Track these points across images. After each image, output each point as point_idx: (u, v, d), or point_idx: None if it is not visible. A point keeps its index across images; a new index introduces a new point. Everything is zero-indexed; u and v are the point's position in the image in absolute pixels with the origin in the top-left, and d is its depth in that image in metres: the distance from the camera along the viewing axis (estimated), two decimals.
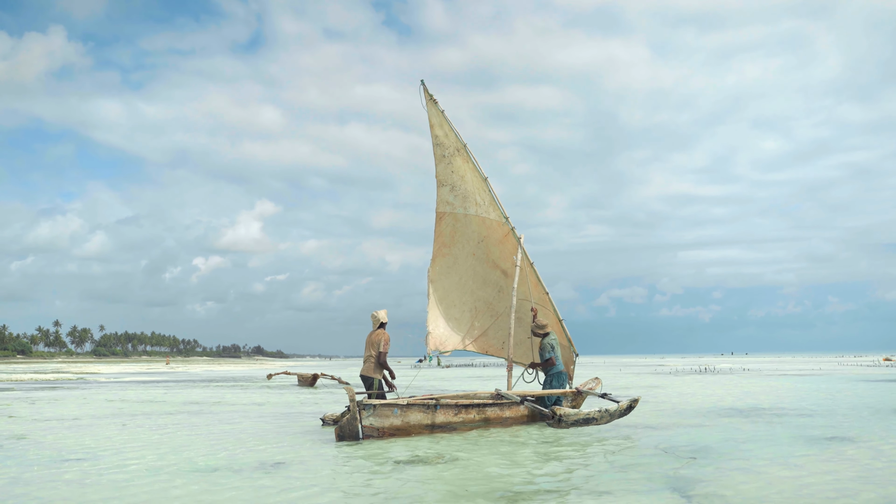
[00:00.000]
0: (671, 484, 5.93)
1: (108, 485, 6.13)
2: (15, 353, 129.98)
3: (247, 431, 10.06)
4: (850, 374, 29.77)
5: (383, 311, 10.48)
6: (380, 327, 10.39)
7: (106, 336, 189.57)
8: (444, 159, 11.88)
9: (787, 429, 9.89)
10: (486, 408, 9.69)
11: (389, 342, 10.23)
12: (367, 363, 10.23)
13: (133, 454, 7.86)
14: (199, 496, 5.63)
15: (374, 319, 10.44)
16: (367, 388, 10.11)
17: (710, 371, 37.01)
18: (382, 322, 10.41)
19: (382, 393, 10.08)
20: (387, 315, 10.48)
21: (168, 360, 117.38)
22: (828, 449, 7.93)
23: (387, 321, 10.45)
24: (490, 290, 12.25)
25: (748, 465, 6.88)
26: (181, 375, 42.14)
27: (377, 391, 10.00)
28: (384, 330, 10.35)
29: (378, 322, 10.41)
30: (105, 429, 10.60)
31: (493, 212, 11.81)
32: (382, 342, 10.14)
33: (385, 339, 10.19)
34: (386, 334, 10.26)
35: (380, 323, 10.41)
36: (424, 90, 11.66)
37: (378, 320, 10.41)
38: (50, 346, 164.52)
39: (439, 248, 12.23)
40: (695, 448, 7.93)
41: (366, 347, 10.33)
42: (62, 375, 40.40)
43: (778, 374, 30.93)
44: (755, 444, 8.29)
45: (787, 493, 5.60)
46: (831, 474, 6.40)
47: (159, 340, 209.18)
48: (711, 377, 29.07)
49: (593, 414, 9.37)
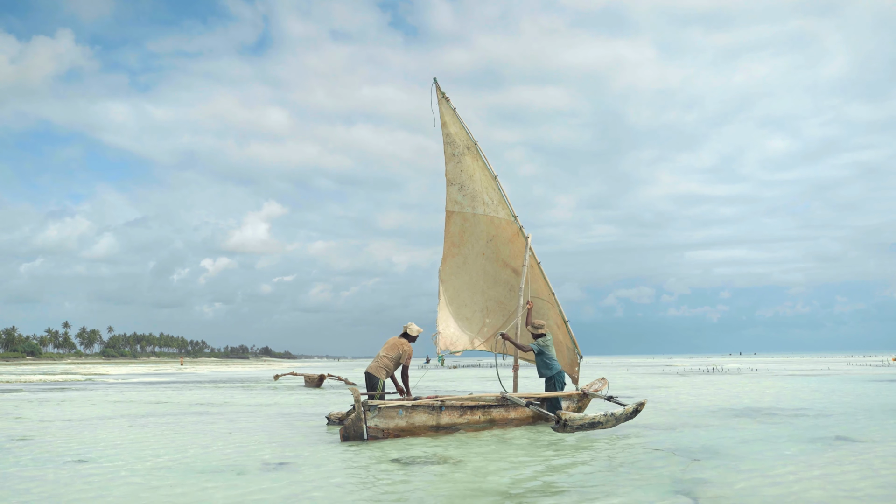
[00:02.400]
0: (676, 485, 5.89)
1: (111, 485, 6.14)
2: (24, 355, 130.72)
3: (252, 432, 10.08)
4: (859, 375, 29.57)
5: (415, 326, 10.55)
6: (404, 336, 10.44)
7: (114, 337, 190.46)
8: (454, 158, 11.85)
9: (794, 429, 9.83)
10: (492, 409, 9.66)
11: (411, 357, 10.30)
12: (376, 362, 10.17)
13: (138, 455, 7.88)
14: (202, 496, 5.64)
15: (405, 328, 10.51)
16: (368, 387, 10.07)
17: (717, 371, 36.83)
18: (409, 334, 10.46)
19: (383, 394, 10.06)
20: (417, 330, 10.53)
21: (182, 360, 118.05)
22: (835, 449, 7.86)
23: (414, 335, 10.48)
24: (501, 288, 12.21)
25: (754, 465, 6.83)
26: (188, 376, 42.29)
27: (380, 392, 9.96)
28: (408, 343, 10.37)
29: (405, 332, 10.48)
30: (111, 430, 10.63)
31: (502, 211, 11.77)
32: (405, 355, 10.20)
33: (409, 352, 10.25)
34: (410, 348, 10.30)
35: (405, 332, 10.47)
36: (437, 88, 11.65)
37: (406, 330, 10.48)
38: (59, 348, 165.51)
39: (449, 247, 12.18)
40: (701, 449, 7.89)
41: (383, 347, 10.32)
42: (70, 377, 40.62)
43: (786, 375, 30.76)
44: (762, 445, 8.24)
45: (793, 494, 5.56)
46: (838, 475, 6.35)
47: (167, 342, 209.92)
48: (719, 377, 28.93)
49: (598, 418, 9.32)
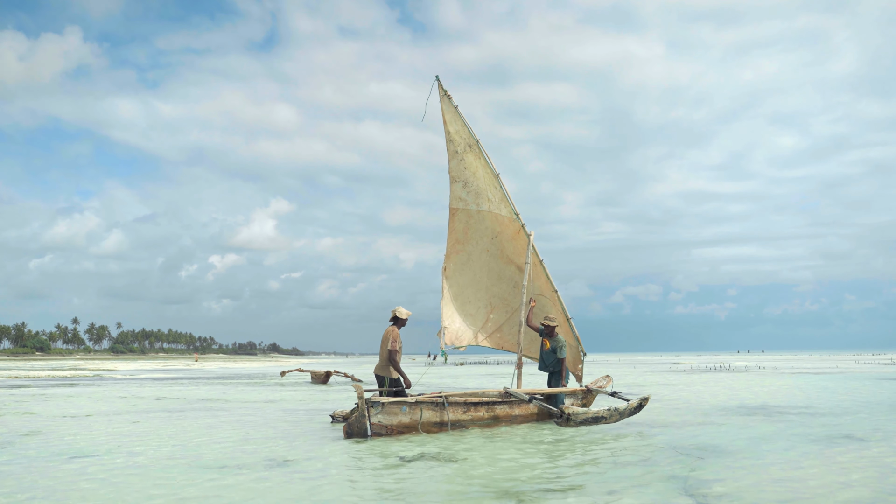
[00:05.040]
0: (681, 483, 5.87)
1: (116, 481, 6.17)
2: (34, 351, 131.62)
3: (257, 428, 10.11)
4: (867, 373, 29.40)
5: (403, 309, 9.91)
6: (393, 323, 9.91)
7: (123, 333, 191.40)
8: (456, 155, 11.84)
9: (801, 427, 9.78)
10: (496, 406, 9.65)
11: (399, 340, 9.68)
12: (380, 360, 9.88)
13: (142, 450, 7.91)
14: (206, 492, 5.66)
15: (394, 313, 9.89)
16: (379, 387, 9.88)
17: (724, 369, 36.69)
18: (397, 317, 9.87)
19: (401, 389, 9.69)
20: (406, 313, 9.91)
21: (196, 357, 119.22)
22: (841, 448, 7.82)
23: (403, 317, 9.89)
24: (505, 285, 12.21)
25: (760, 463, 6.80)
26: (196, 373, 42.48)
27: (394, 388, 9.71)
28: (395, 327, 9.83)
29: (392, 316, 9.90)
30: (117, 425, 10.69)
31: (505, 208, 11.76)
32: (390, 339, 9.64)
33: (394, 336, 9.66)
34: (395, 331, 9.73)
35: (393, 317, 9.89)
36: (439, 85, 11.65)
37: (393, 315, 9.89)
38: (68, 344, 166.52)
39: (453, 244, 12.19)
40: (705, 447, 7.85)
41: (380, 344, 9.91)
42: (79, 372, 40.85)
43: (794, 372, 30.62)
44: (767, 443, 8.20)
45: (799, 493, 5.53)
46: (844, 473, 6.31)
47: (176, 338, 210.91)
48: (726, 375, 28.83)
49: (602, 413, 9.30)
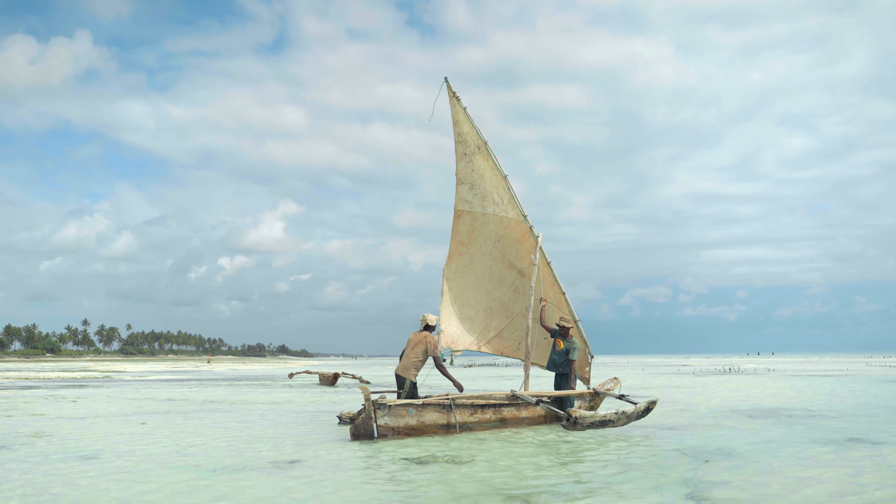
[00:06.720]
0: (687, 486, 5.84)
1: (124, 482, 6.19)
2: (44, 352, 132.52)
3: (264, 430, 10.13)
4: (878, 375, 29.16)
5: (432, 315, 10.30)
6: (425, 329, 10.19)
7: (133, 335, 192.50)
8: (464, 157, 11.85)
9: (809, 430, 9.71)
10: (503, 408, 9.64)
11: (437, 346, 10.07)
12: (405, 361, 9.97)
13: (150, 451, 7.94)
14: (213, 493, 5.67)
15: (423, 321, 10.27)
16: (399, 387, 9.92)
17: (734, 371, 36.52)
18: (429, 325, 10.21)
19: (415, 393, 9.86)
20: (435, 318, 10.30)
21: (209, 358, 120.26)
22: (849, 451, 7.76)
23: (433, 324, 10.25)
24: (506, 290, 12.15)
25: (767, 467, 6.76)
26: (205, 374, 42.64)
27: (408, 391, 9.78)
28: (429, 332, 10.10)
29: (424, 324, 10.22)
30: (125, 426, 10.73)
31: (512, 210, 11.73)
32: (431, 346, 9.92)
33: (433, 343, 9.98)
34: (434, 339, 10.04)
35: (425, 325, 10.21)
36: (448, 87, 11.70)
37: (425, 322, 10.23)
38: (78, 345, 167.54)
39: (456, 246, 12.18)
40: (713, 450, 7.81)
41: (408, 345, 10.08)
42: (89, 374, 41.10)
43: (804, 375, 30.42)
44: (776, 446, 8.15)
45: (806, 496, 5.49)
46: (852, 477, 6.26)
47: (185, 339, 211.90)
48: (735, 377, 28.68)
49: (609, 416, 9.27)
